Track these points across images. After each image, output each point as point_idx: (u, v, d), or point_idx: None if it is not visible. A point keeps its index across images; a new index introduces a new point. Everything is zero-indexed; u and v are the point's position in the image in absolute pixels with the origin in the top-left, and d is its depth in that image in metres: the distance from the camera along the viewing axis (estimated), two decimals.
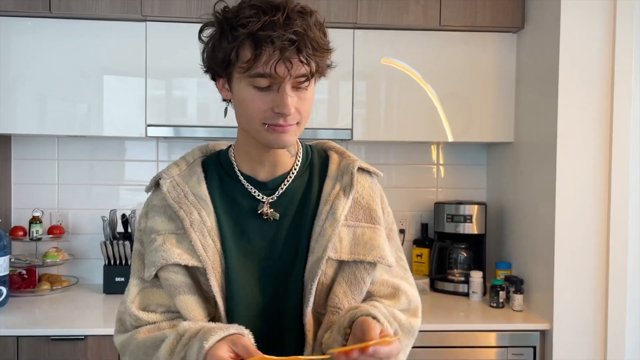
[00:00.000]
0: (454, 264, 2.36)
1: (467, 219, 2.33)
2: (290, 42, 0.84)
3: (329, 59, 0.95)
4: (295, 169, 1.01)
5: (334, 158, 1.04)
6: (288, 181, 1.00)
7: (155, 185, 1.02)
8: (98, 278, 2.39)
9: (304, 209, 0.99)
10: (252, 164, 1.00)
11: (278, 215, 0.98)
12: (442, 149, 2.60)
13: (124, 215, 2.36)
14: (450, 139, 2.26)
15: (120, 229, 2.36)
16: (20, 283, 2.23)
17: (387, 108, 2.26)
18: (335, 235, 0.94)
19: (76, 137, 2.37)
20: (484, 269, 2.33)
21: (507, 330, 1.97)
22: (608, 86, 1.93)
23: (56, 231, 2.36)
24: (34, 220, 2.31)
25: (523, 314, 2.08)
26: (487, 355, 1.96)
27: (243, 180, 1.00)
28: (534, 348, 1.97)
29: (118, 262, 2.27)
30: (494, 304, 2.14)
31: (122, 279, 2.25)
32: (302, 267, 0.95)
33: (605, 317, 1.94)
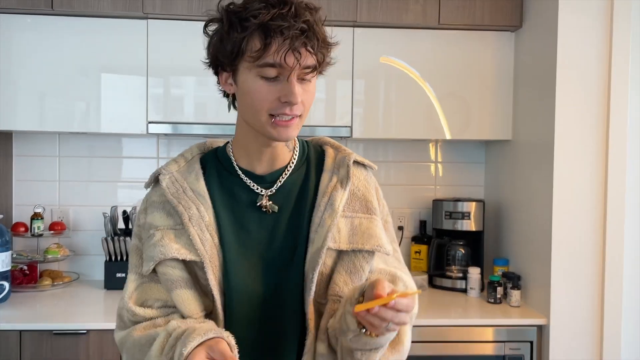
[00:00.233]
0: (452, 260, 2.38)
1: (465, 216, 2.35)
2: (301, 32, 0.87)
3: (330, 56, 0.97)
4: (292, 163, 1.03)
5: (329, 152, 1.07)
6: (286, 174, 1.02)
7: (155, 181, 1.04)
8: (99, 274, 2.41)
9: (302, 202, 1.01)
10: (250, 159, 1.02)
11: (277, 207, 1.00)
12: (440, 146, 2.63)
13: (124, 212, 2.37)
14: (449, 137, 2.29)
15: (121, 225, 2.38)
16: (21, 279, 2.25)
17: (386, 106, 2.28)
18: (334, 226, 0.97)
19: (77, 134, 2.39)
20: (481, 265, 2.36)
21: (504, 326, 1.99)
22: (605, 85, 1.96)
23: (57, 227, 2.37)
24: (35, 216, 2.33)
25: (520, 309, 2.10)
26: (485, 350, 1.99)
27: (241, 175, 1.02)
28: (531, 343, 1.99)
29: (119, 258, 2.29)
30: (491, 300, 2.16)
31: (123, 274, 2.27)
32: (301, 257, 0.97)
33: (601, 313, 1.97)
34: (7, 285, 2.05)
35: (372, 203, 1.03)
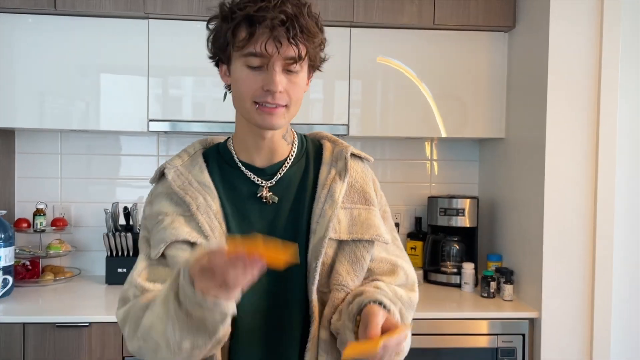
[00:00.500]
0: (446, 256, 2.43)
1: (459, 212, 2.40)
2: (280, 23, 0.91)
3: (321, 50, 1.02)
4: (291, 156, 1.07)
5: (327, 146, 1.11)
6: (285, 167, 1.06)
7: (160, 176, 1.07)
8: (100, 269, 2.45)
9: (302, 194, 1.05)
10: (249, 152, 1.05)
11: (277, 198, 1.03)
12: (435, 145, 2.67)
13: (125, 208, 2.41)
14: (444, 135, 2.33)
15: (122, 221, 2.42)
16: (24, 273, 2.29)
17: (383, 105, 2.32)
18: (335, 216, 1.00)
19: (78, 132, 2.43)
20: (475, 260, 2.40)
21: (497, 319, 2.04)
22: (595, 84, 2.01)
23: (59, 223, 2.42)
24: (38, 212, 2.37)
25: (513, 303, 2.15)
26: (479, 342, 2.04)
27: (242, 167, 1.05)
28: (523, 335, 2.04)
29: (120, 253, 2.33)
30: (485, 294, 2.21)
31: (124, 270, 2.31)
32: (302, 248, 1.01)
33: (591, 306, 2.02)
34: (10, 279, 2.09)
35: (370, 194, 1.07)
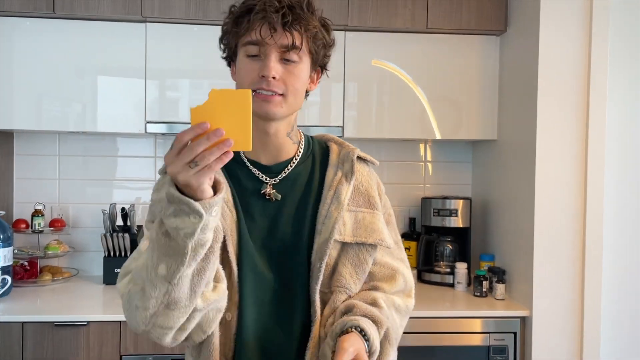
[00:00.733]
0: (440, 256, 2.47)
1: (452, 213, 2.44)
2: (274, 10, 0.96)
3: (325, 49, 1.05)
4: (298, 156, 1.09)
5: (334, 148, 1.13)
6: (291, 166, 1.08)
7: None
8: (97, 270, 2.48)
9: (308, 194, 1.07)
10: (255, 149, 1.05)
11: (280, 196, 1.05)
12: (429, 146, 2.71)
13: (123, 209, 2.44)
14: (439, 137, 2.37)
15: (119, 222, 2.45)
16: (22, 274, 2.32)
17: (378, 107, 2.36)
18: (341, 218, 1.03)
19: (76, 133, 2.45)
20: (468, 260, 2.44)
21: (489, 317, 2.08)
22: (584, 87, 2.05)
23: (57, 224, 2.44)
24: (36, 213, 2.40)
25: (505, 302, 2.19)
26: (472, 340, 2.07)
27: (248, 164, 1.07)
28: (514, 334, 2.08)
29: (118, 253, 2.35)
30: (477, 294, 2.25)
31: None
32: (305, 247, 1.03)
33: (581, 304, 2.06)
34: (9, 279, 2.12)
35: (375, 198, 1.09)
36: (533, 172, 2.06)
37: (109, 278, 2.35)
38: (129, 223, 2.43)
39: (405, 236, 2.62)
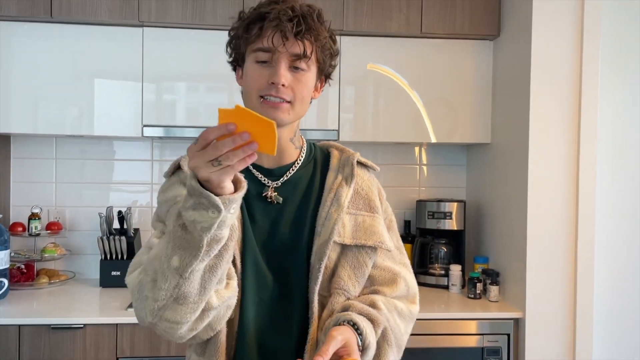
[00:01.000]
0: (435, 258, 2.49)
1: (447, 216, 2.46)
2: (288, 19, 0.97)
3: (331, 59, 1.07)
4: (300, 160, 1.11)
5: (334, 153, 1.15)
6: (293, 170, 1.09)
7: (174, 170, 1.08)
8: (94, 273, 2.49)
9: (308, 197, 1.08)
10: (258, 152, 1.08)
11: (281, 199, 1.07)
12: (424, 149, 2.74)
13: (120, 212, 2.45)
14: (434, 140, 2.39)
15: (116, 225, 2.45)
16: (19, 277, 2.32)
17: (374, 111, 2.38)
18: (340, 220, 1.04)
19: (73, 137, 2.47)
20: (463, 262, 2.46)
21: (483, 319, 2.10)
22: (576, 91, 2.07)
23: (54, 227, 2.45)
24: (33, 216, 2.41)
25: (498, 304, 2.21)
26: (466, 342, 2.09)
27: (250, 167, 1.08)
28: (508, 335, 2.10)
29: (114, 256, 2.36)
30: (471, 295, 2.26)
31: (118, 272, 2.35)
32: (305, 249, 1.04)
33: (574, 306, 2.08)
34: (6, 282, 2.12)
35: (375, 202, 1.11)
36: (526, 175, 2.09)
37: (106, 281, 2.36)
38: (125, 226, 2.43)
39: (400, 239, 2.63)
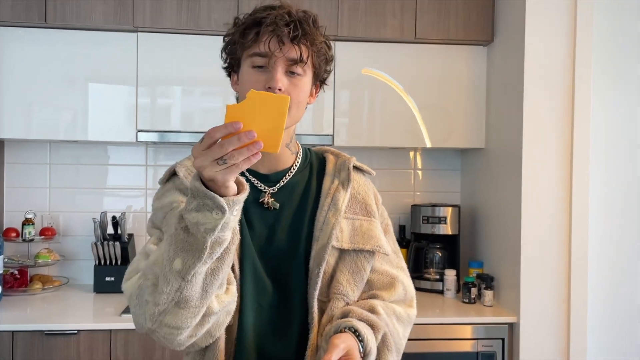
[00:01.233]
0: (430, 263, 2.49)
1: (442, 220, 2.47)
2: (285, 23, 0.97)
3: (327, 64, 1.07)
4: (295, 166, 1.11)
5: (330, 158, 1.16)
6: (289, 175, 1.10)
7: (169, 176, 1.08)
8: (88, 278, 2.48)
9: (305, 202, 1.08)
10: None
11: (278, 204, 1.07)
12: (419, 154, 2.74)
13: (114, 217, 2.44)
14: (429, 145, 2.40)
15: (110, 230, 2.45)
16: (12, 282, 2.31)
17: (369, 116, 2.39)
18: (338, 224, 1.04)
19: (67, 142, 2.46)
20: (457, 267, 2.47)
21: (478, 324, 2.10)
22: (569, 96, 2.09)
23: (48, 233, 2.44)
24: (27, 222, 2.39)
25: (493, 308, 2.21)
26: (461, 346, 2.09)
27: (246, 173, 1.08)
28: (502, 340, 2.10)
29: (108, 262, 2.35)
30: (466, 300, 2.27)
31: (112, 278, 2.34)
32: (303, 254, 1.04)
33: (568, 310, 2.09)
34: None
35: (371, 207, 1.11)
36: (520, 179, 2.10)
37: (100, 287, 2.35)
38: (119, 231, 2.43)
39: None
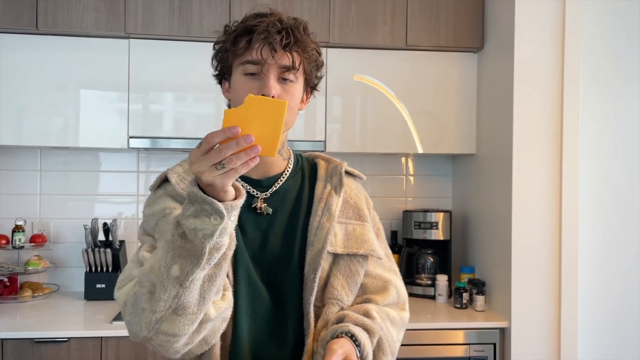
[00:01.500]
0: (421, 268, 2.50)
1: (433, 226, 2.48)
2: (276, 31, 0.98)
3: (317, 70, 1.08)
4: (287, 171, 1.12)
5: (321, 164, 1.16)
6: (281, 181, 1.10)
7: (160, 182, 1.08)
8: (78, 286, 2.46)
9: (298, 207, 1.09)
10: None
11: (271, 210, 1.07)
12: (411, 160, 2.76)
13: (105, 224, 2.43)
14: (421, 151, 2.41)
15: (101, 237, 2.44)
16: (2, 290, 2.29)
17: (361, 122, 2.40)
18: (332, 229, 1.05)
19: (58, 148, 2.45)
20: (449, 272, 2.48)
21: (469, 329, 2.11)
22: (558, 101, 2.11)
23: (38, 240, 2.42)
24: (17, 229, 2.38)
25: (484, 313, 2.22)
26: (452, 352, 2.10)
27: (238, 178, 1.06)
28: (494, 345, 2.11)
29: (99, 269, 2.34)
30: (457, 305, 2.28)
31: (103, 285, 2.32)
32: (297, 260, 1.04)
33: (558, 315, 2.10)
34: None
35: (364, 211, 1.12)
36: (510, 185, 2.11)
37: (90, 294, 2.33)
38: (110, 238, 2.42)
39: None
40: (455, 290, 2.30)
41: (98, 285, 2.33)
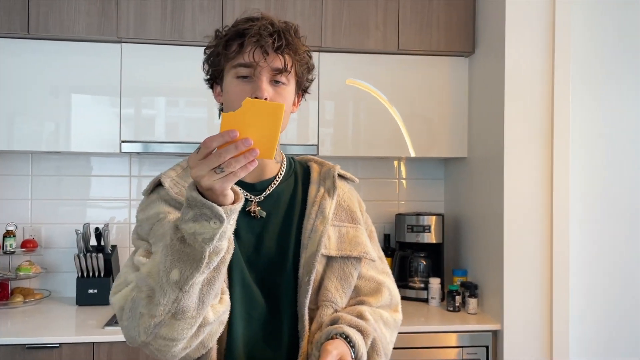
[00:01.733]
0: (414, 271, 2.50)
1: (426, 229, 2.49)
2: (268, 34, 0.99)
3: (308, 72, 1.09)
4: (280, 174, 1.12)
5: (314, 167, 1.17)
6: (275, 184, 1.10)
7: (153, 187, 1.08)
8: (70, 291, 2.45)
9: (291, 210, 1.09)
10: None
11: (265, 213, 1.07)
12: (403, 164, 2.77)
13: (97, 229, 2.42)
14: (413, 155, 2.42)
15: (93, 242, 2.42)
16: None
17: (353, 126, 2.41)
18: (326, 232, 1.05)
19: (49, 153, 2.44)
20: (442, 275, 2.48)
21: (462, 332, 2.11)
22: (549, 104, 2.13)
23: (29, 245, 2.41)
24: (8, 234, 2.36)
25: (477, 316, 2.23)
26: (445, 354, 2.10)
27: None
28: (486, 347, 2.12)
29: (91, 274, 2.33)
30: (450, 308, 2.28)
31: (95, 290, 2.31)
32: (292, 263, 1.05)
33: (550, 317, 2.11)
34: None
35: (357, 214, 1.13)
36: (502, 187, 2.13)
37: (82, 299, 2.32)
38: (102, 243, 2.41)
39: None
40: (448, 293, 2.30)
41: (90, 291, 2.32)
